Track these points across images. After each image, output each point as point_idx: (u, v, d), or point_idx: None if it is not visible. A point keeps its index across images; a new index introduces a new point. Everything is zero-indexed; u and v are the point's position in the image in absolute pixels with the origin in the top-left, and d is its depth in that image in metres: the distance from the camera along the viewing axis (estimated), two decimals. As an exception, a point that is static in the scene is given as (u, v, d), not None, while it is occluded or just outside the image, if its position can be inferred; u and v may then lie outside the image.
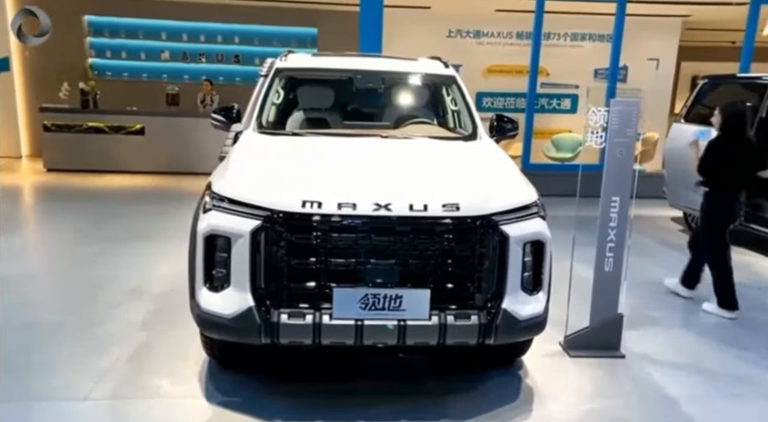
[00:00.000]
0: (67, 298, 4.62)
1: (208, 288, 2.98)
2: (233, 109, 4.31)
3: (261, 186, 2.95)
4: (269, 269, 2.82)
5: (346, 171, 3.19)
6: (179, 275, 5.07)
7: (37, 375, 3.38)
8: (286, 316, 2.80)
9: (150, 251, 5.78)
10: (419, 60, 4.78)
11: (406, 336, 2.83)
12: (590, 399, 3.33)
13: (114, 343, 3.81)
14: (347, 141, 3.78)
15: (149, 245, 5.97)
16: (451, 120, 4.51)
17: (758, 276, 5.66)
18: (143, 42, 11.64)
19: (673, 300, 4.86)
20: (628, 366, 3.71)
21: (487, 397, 3.29)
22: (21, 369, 3.43)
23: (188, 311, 3.14)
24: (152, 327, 4.08)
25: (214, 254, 2.94)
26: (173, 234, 6.38)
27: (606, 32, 11.49)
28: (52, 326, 4.06)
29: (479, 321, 2.85)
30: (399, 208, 2.81)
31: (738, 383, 3.58)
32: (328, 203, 2.81)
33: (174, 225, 6.79)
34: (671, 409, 3.25)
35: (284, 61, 4.52)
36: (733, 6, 9.85)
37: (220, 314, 2.90)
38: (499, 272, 2.90)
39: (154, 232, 6.46)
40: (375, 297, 2.80)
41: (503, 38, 11.43)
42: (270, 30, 11.72)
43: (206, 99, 11.21)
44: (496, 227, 2.87)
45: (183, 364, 3.57)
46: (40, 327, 4.03)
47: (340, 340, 2.85)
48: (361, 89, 4.49)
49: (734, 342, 4.13)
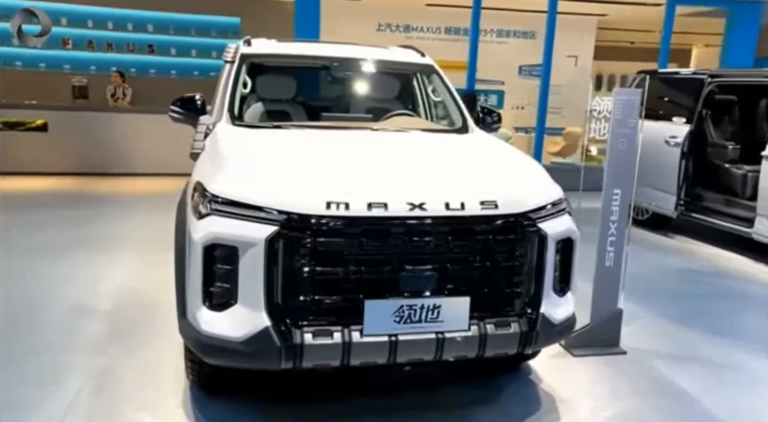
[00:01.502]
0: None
1: (208, 307, 2.53)
2: (195, 99, 3.80)
3: (273, 186, 2.54)
4: (288, 282, 2.43)
5: (362, 167, 2.83)
6: (128, 288, 4.50)
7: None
8: (311, 336, 2.42)
9: (86, 262, 5.08)
10: (390, 48, 4.48)
11: (444, 351, 2.54)
12: (611, 402, 3.20)
13: (69, 373, 3.22)
14: (339, 134, 3.42)
15: (84, 256, 5.24)
16: (433, 112, 4.25)
17: (711, 262, 5.87)
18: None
19: (644, 292, 4.91)
20: (633, 362, 3.63)
21: (511, 407, 3.08)
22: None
23: (149, 330, 2.70)
24: (110, 351, 3.50)
25: (215, 267, 2.50)
26: (109, 243, 5.70)
27: (529, 29, 11.77)
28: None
29: (520, 328, 2.62)
30: (434, 208, 2.51)
31: (744, 372, 3.61)
32: (356, 203, 2.45)
33: (108, 233, 6.09)
34: (693, 406, 3.19)
35: (248, 46, 4.07)
36: (648, 6, 10.37)
37: (228, 337, 2.46)
38: (536, 274, 2.68)
39: (85, 241, 5.71)
40: (411, 309, 2.49)
41: (432, 33, 11.37)
42: (187, 18, 10.91)
43: (117, 92, 10.26)
44: (534, 225, 2.65)
45: (160, 393, 3.07)
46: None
47: (372, 360, 2.51)
48: (339, 78, 4.13)
49: (719, 330, 4.19)
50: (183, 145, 9.16)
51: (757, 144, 6.45)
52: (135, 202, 7.77)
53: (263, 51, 4.07)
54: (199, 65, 11.38)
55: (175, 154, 9.39)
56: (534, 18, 11.41)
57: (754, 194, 5.90)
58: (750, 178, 6.15)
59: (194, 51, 11.31)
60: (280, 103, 4.04)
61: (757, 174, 5.90)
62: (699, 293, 4.93)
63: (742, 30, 9.97)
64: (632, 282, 4.10)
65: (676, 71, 7.76)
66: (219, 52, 11.52)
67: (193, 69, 11.41)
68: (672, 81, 7.28)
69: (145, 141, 9.17)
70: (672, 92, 7.07)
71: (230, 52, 3.96)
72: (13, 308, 4.04)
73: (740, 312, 4.66)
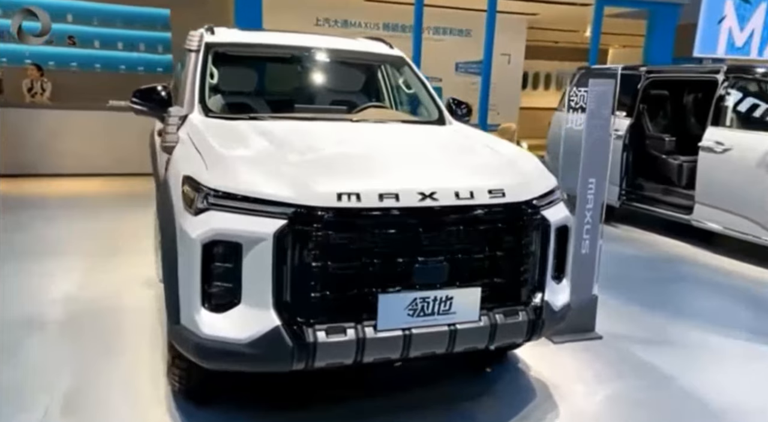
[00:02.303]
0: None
1: (208, 309, 2.35)
2: (157, 90, 3.54)
3: (276, 178, 2.39)
4: (298, 278, 2.30)
5: (364, 158, 2.73)
6: (78, 298, 4.15)
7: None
8: (324, 333, 2.30)
9: (22, 272, 4.64)
10: (358, 40, 4.39)
11: (456, 343, 2.49)
12: (599, 386, 3.27)
13: (32, 393, 2.92)
14: (321, 126, 3.30)
15: (16, 265, 4.79)
16: (404, 103, 4.20)
17: (659, 249, 6.16)
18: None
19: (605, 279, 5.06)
20: (609, 347, 3.74)
21: (508, 397, 3.08)
22: None
23: (113, 339, 2.86)
24: (72, 366, 3.21)
25: (215, 265, 2.33)
26: (43, 250, 5.26)
27: (465, 28, 11.98)
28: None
29: (527, 317, 2.62)
30: (445, 197, 2.46)
31: (709, 350, 3.80)
32: (367, 195, 2.36)
33: (40, 239, 5.61)
34: (672, 385, 3.31)
35: (212, 34, 3.86)
36: (578, 6, 10.80)
37: (232, 339, 2.30)
38: (540, 262, 2.69)
39: (21, 247, 5.24)
40: (424, 301, 2.42)
41: (370, 29, 11.32)
42: (112, 9, 10.27)
43: (35, 86, 9.51)
44: (538, 213, 2.65)
45: (139, 408, 2.84)
46: None
47: (386, 356, 2.43)
48: (309, 68, 3.99)
49: (681, 313, 4.40)
50: (114, 144, 8.71)
51: (688, 136, 6.87)
52: (64, 204, 7.20)
53: (230, 40, 3.86)
54: (126, 59, 10.78)
55: (105, 153, 8.88)
56: (469, 16, 11.64)
57: (690, 183, 6.26)
58: (686, 167, 6.53)
59: (120, 44, 10.69)
60: (248, 94, 3.86)
61: (692, 164, 6.26)
62: (655, 278, 5.16)
63: (662, 30, 10.59)
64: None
65: (629, 67, 8.08)
66: (147, 45, 11.06)
67: (120, 62, 10.78)
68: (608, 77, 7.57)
69: (70, 139, 8.57)
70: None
71: (194, 41, 3.73)
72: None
73: (696, 294, 4.92)
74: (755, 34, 11.40)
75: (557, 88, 17.73)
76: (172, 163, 2.88)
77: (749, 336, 4.03)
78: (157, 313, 3.96)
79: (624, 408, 3.05)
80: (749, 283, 5.12)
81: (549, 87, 17.48)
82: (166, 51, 10.92)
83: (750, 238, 5.56)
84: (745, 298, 4.77)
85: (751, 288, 5.01)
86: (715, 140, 5.88)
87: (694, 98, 7.37)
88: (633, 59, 12.57)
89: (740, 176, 5.62)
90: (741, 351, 3.82)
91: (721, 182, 5.82)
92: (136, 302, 4.15)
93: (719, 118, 5.97)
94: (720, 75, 6.07)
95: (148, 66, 10.91)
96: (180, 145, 3.02)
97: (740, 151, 5.67)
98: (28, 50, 9.89)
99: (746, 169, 5.56)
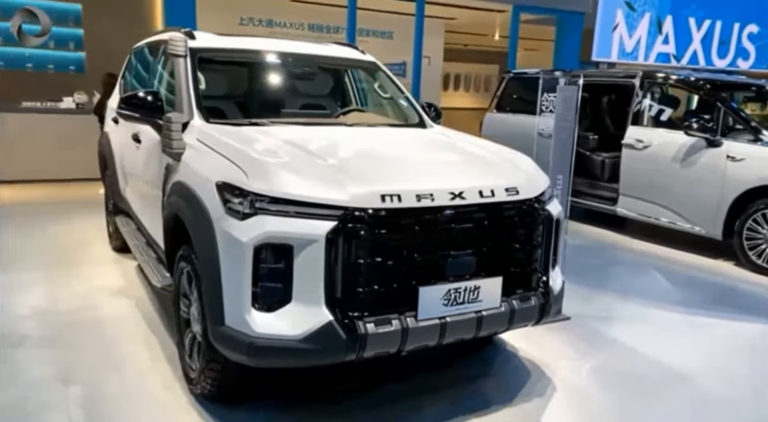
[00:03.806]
0: None
1: (258, 308, 2.45)
2: (153, 98, 3.48)
3: (322, 182, 2.52)
4: (347, 275, 2.45)
5: (387, 161, 2.92)
6: (55, 311, 3.99)
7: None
8: (373, 325, 2.47)
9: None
10: (329, 45, 4.53)
11: (482, 328, 2.75)
12: (581, 360, 3.66)
13: (47, 411, 2.84)
14: (326, 130, 3.45)
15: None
16: (383, 108, 4.40)
17: (593, 237, 6.77)
18: None
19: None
20: (579, 326, 4.15)
21: (507, 376, 3.39)
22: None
23: (107, 350, 3.00)
24: (76, 379, 3.13)
25: (265, 267, 2.43)
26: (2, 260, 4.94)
27: (387, 29, 12.30)
28: None
29: (538, 301, 2.92)
30: (471, 196, 2.70)
31: (657, 323, 4.32)
32: (406, 196, 2.55)
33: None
34: (638, 354, 3.77)
35: (193, 39, 3.84)
36: (494, 12, 11.45)
37: (285, 336, 2.42)
38: (545, 251, 3.01)
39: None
40: (456, 292, 2.65)
41: (295, 29, 11.34)
42: (18, 3, 9.55)
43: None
44: (544, 208, 2.97)
45: (169, 416, 2.85)
46: None
47: (424, 343, 2.63)
48: (291, 73, 4.09)
49: (627, 292, 4.93)
50: (32, 147, 8.17)
51: (607, 134, 7.60)
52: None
53: (213, 45, 3.87)
54: (34, 56, 10.07)
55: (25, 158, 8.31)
56: (391, 19, 11.97)
57: (613, 177, 6.93)
58: (608, 163, 7.21)
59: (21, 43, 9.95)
60: (233, 99, 3.90)
61: (615, 160, 6.95)
62: (598, 264, 5.72)
63: (570, 36, 11.47)
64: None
65: (548, 71, 8.70)
66: (57, 42, 10.41)
67: (26, 61, 10.06)
68: (534, 80, 8.17)
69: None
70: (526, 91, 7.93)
71: (180, 46, 3.68)
72: None
73: (632, 275, 5.52)
74: (641, 41, 12.67)
75: (466, 90, 18.59)
76: (187, 168, 2.93)
77: (683, 308, 4.63)
78: (143, 322, 3.91)
79: (607, 378, 3.45)
80: (668, 263, 5.81)
81: (458, 88, 18.29)
82: (78, 48, 10.34)
83: (667, 224, 6.28)
84: (669, 276, 5.43)
85: (670, 266, 5.69)
86: (636, 138, 6.57)
87: (609, 100, 8.12)
88: (536, 61, 13.45)
89: (658, 170, 6.32)
90: (683, 322, 4.38)
91: (642, 175, 6.51)
92: (116, 311, 4.06)
93: (638, 119, 6.67)
94: (636, 80, 6.78)
95: (59, 64, 10.27)
96: (192, 151, 3.05)
97: (658, 148, 6.38)
98: None
99: (663, 164, 6.28)
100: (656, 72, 6.91)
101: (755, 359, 3.87)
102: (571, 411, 3.10)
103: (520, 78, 8.36)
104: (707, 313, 4.53)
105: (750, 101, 7.45)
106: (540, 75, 8.30)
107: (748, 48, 13.46)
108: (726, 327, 4.33)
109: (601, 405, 3.18)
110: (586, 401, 3.21)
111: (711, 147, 5.85)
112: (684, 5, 12.61)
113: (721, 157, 5.76)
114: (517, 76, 8.46)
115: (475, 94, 18.15)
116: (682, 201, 6.12)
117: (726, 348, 3.98)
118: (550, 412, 3.04)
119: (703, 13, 12.89)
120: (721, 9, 12.93)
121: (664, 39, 12.64)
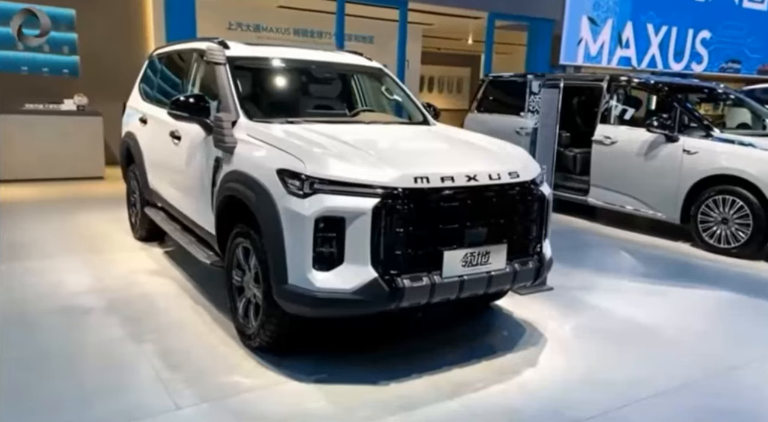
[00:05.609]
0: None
1: (317, 269, 3.06)
2: (202, 102, 4.04)
3: (366, 166, 3.15)
4: (387, 241, 3.06)
5: (414, 151, 3.56)
6: (103, 289, 4.51)
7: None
8: (408, 281, 3.10)
9: (31, 269, 4.85)
10: (342, 53, 5.14)
11: (491, 285, 3.41)
12: (566, 319, 4.35)
13: (129, 360, 3.40)
14: (350, 127, 4.06)
15: (18, 264, 4.95)
16: (389, 108, 5.03)
17: (566, 224, 7.49)
18: None
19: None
20: (561, 295, 4.85)
21: (508, 331, 4.07)
22: None
23: (162, 318, 3.56)
24: (145, 338, 3.68)
25: (323, 235, 3.03)
26: (34, 250, 5.39)
27: (367, 34, 12.91)
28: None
29: (534, 265, 3.59)
30: (483, 179, 3.35)
31: (626, 292, 5.06)
32: (433, 178, 3.19)
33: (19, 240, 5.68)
34: (615, 315, 4.49)
35: (227, 49, 4.40)
36: (470, 19, 12.17)
37: (340, 289, 3.03)
38: (539, 225, 3.67)
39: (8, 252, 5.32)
40: (472, 255, 3.30)
41: (282, 34, 11.85)
42: (11, 6, 9.85)
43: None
44: (538, 189, 3.64)
45: (233, 365, 3.41)
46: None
47: (447, 296, 3.27)
48: (314, 78, 4.69)
49: (601, 267, 5.67)
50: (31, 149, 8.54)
51: (577, 132, 8.37)
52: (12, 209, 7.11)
53: (245, 54, 4.43)
54: (29, 60, 10.38)
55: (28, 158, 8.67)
56: (372, 24, 12.59)
57: (584, 170, 7.70)
58: (579, 158, 7.98)
59: (21, 44, 10.27)
60: (265, 100, 4.46)
61: (585, 155, 7.72)
62: (572, 245, 6.44)
63: (540, 41, 12.27)
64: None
65: (521, 74, 9.43)
66: (52, 47, 10.72)
67: (21, 64, 10.37)
68: (516, 83, 8.90)
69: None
70: (517, 92, 8.67)
71: (219, 55, 4.24)
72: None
73: (601, 254, 6.32)
74: (604, 46, 13.62)
75: (440, 91, 19.33)
76: (243, 159, 3.53)
77: (644, 279, 5.42)
78: (187, 295, 4.45)
79: (588, 333, 4.15)
80: (634, 244, 6.61)
81: (432, 90, 19.02)
82: (72, 52, 10.68)
83: (633, 211, 7.07)
84: (635, 255, 6.22)
85: (636, 247, 6.48)
86: (604, 135, 7.35)
87: (579, 101, 8.91)
88: (506, 65, 14.26)
89: (624, 163, 7.11)
90: (648, 291, 5.12)
91: (610, 168, 7.30)
92: (160, 288, 4.58)
93: (606, 117, 7.45)
94: (604, 82, 7.57)
95: (53, 68, 10.60)
96: (244, 145, 3.63)
97: (623, 143, 7.17)
98: None
99: (629, 158, 7.07)
100: (621, 75, 7.71)
101: (704, 316, 4.63)
102: (561, 355, 3.78)
103: (499, 81, 9.10)
104: (668, 283, 5.29)
105: (703, 102, 8.35)
106: (514, 77, 9.13)
107: (701, 52, 14.56)
108: (682, 294, 5.09)
109: (583, 350, 3.86)
110: (572, 348, 3.90)
111: (669, 142, 6.66)
112: (642, 11, 13.60)
113: (678, 150, 6.57)
114: (496, 79, 9.19)
115: (449, 95, 18.90)
116: (645, 190, 6.91)
117: (681, 309, 4.73)
118: (544, 355, 3.72)
119: (660, 20, 13.92)
120: (677, 16, 13.97)
121: (625, 43, 13.60)
